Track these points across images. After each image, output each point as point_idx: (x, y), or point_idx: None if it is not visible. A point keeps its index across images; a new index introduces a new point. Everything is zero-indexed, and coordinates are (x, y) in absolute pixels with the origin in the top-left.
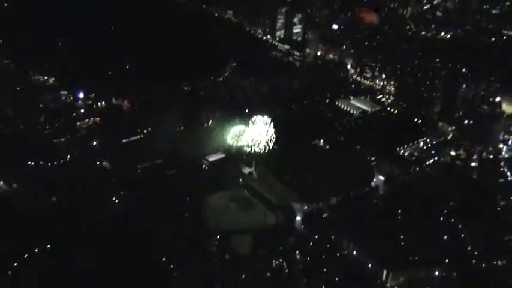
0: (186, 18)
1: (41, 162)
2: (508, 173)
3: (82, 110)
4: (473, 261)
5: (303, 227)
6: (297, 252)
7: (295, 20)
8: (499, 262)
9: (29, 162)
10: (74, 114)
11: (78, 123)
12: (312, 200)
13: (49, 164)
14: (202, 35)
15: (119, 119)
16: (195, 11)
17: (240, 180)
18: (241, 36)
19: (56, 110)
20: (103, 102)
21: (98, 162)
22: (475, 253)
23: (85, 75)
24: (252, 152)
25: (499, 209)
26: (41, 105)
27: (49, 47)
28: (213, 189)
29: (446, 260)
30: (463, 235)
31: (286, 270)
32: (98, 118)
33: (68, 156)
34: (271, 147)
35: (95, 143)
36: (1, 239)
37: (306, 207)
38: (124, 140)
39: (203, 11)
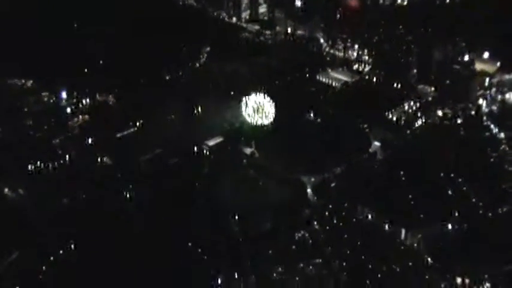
0: (148, 8)
1: (41, 166)
2: (492, 125)
3: (68, 109)
4: (480, 212)
5: (315, 198)
6: (315, 223)
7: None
8: (504, 209)
9: (30, 167)
10: (62, 114)
11: (69, 123)
12: (318, 171)
13: (50, 166)
14: (168, 23)
15: (108, 114)
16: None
17: (244, 160)
18: (208, 20)
19: (42, 112)
20: (88, 100)
21: (99, 159)
22: (480, 204)
23: (63, 75)
24: (249, 131)
25: (492, 160)
26: (25, 109)
27: (19, 48)
28: (218, 172)
29: (456, 214)
30: (464, 188)
31: (310, 241)
32: (87, 116)
33: (67, 157)
34: (265, 126)
35: (90, 141)
36: (23, 246)
37: (313, 179)
38: (119, 135)
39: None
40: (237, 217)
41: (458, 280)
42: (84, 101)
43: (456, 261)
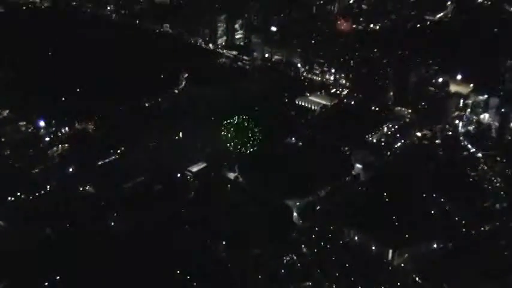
0: (124, 36)
1: (22, 196)
2: (469, 145)
3: (47, 138)
4: (463, 230)
5: (300, 221)
6: (303, 246)
7: (236, 26)
8: (487, 227)
9: (9, 198)
10: (41, 144)
11: (48, 152)
12: (302, 194)
13: (31, 197)
14: (145, 51)
15: (88, 142)
16: (130, 27)
17: (228, 186)
18: (184, 47)
19: (20, 142)
20: (66, 128)
21: (80, 188)
22: (463, 222)
23: (40, 103)
24: (232, 156)
25: (471, 179)
26: (3, 139)
27: None
28: (203, 198)
29: (440, 233)
30: (447, 208)
31: (299, 265)
32: (66, 144)
33: (48, 186)
34: (247, 150)
35: (71, 170)
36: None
37: (298, 203)
38: (100, 162)
39: (138, 27)
40: (224, 242)
41: None
42: (62, 130)
43: (444, 279)
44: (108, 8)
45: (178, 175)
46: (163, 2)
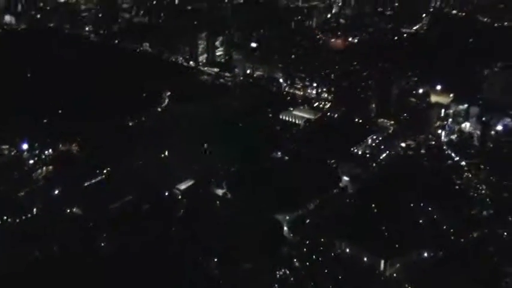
0: (104, 56)
1: (9, 220)
2: (453, 154)
3: (31, 161)
4: (452, 238)
5: (291, 235)
6: (295, 260)
7: (217, 43)
8: (475, 234)
9: None
10: (25, 167)
11: (33, 174)
12: (292, 208)
13: (17, 221)
14: (125, 70)
15: (73, 163)
16: (110, 46)
17: (217, 202)
18: (165, 65)
19: (4, 165)
20: (50, 150)
21: (68, 210)
22: (451, 230)
23: (22, 126)
24: (219, 173)
25: (457, 187)
26: None
27: None
28: (193, 216)
29: (429, 242)
30: (435, 216)
31: (292, 279)
32: (50, 166)
33: (34, 210)
34: (234, 166)
35: (57, 192)
36: None
37: (287, 217)
38: (86, 184)
39: (116, 47)
40: (216, 259)
41: None
42: (46, 152)
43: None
44: (87, 28)
45: (167, 193)
46: (141, 21)
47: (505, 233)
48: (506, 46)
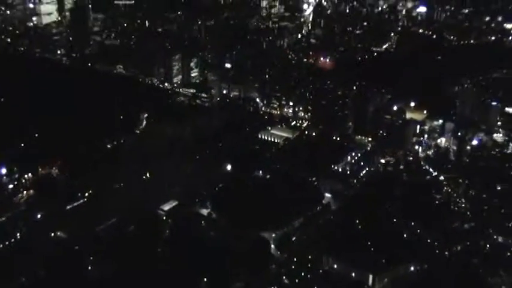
0: (78, 79)
1: None
2: (431, 169)
3: (11, 186)
4: (437, 251)
5: (278, 253)
6: (284, 277)
7: (192, 64)
8: (459, 247)
9: None
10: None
11: (14, 199)
12: (277, 226)
13: (0, 246)
14: (100, 93)
15: (54, 187)
16: (83, 70)
17: (202, 222)
18: (141, 87)
19: None
20: (30, 174)
21: (52, 234)
22: (435, 244)
23: None
24: (203, 193)
25: (437, 202)
26: None
27: None
28: (179, 236)
29: (415, 256)
30: (418, 231)
31: None
32: (31, 190)
33: (18, 234)
34: (216, 186)
35: (39, 216)
36: None
37: (274, 235)
38: (68, 207)
39: (90, 69)
40: (205, 279)
41: None
42: (26, 176)
43: None
44: (58, 52)
45: (151, 214)
46: (113, 43)
47: (488, 245)
48: (472, 63)
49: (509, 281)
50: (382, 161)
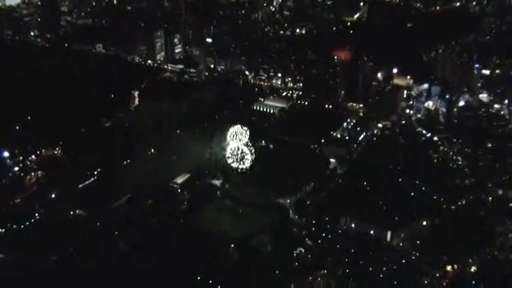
0: (57, 60)
1: (14, 227)
2: (424, 131)
3: (16, 168)
4: (444, 206)
5: (296, 217)
6: (307, 239)
7: (175, 40)
8: (463, 201)
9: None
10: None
11: (25, 181)
12: (291, 192)
13: (22, 227)
14: (85, 72)
15: (62, 167)
16: (60, 50)
17: (218, 192)
18: (125, 65)
19: None
20: (33, 156)
21: (71, 212)
22: (441, 200)
23: None
24: (212, 165)
25: (435, 161)
26: None
27: None
28: (195, 207)
29: (425, 211)
30: (424, 188)
31: (309, 256)
32: (39, 172)
33: (37, 214)
34: (222, 158)
35: (53, 195)
36: None
37: (288, 201)
38: (80, 185)
39: (70, 50)
40: (233, 245)
41: (449, 268)
42: (30, 158)
43: (442, 251)
44: (32, 33)
45: (165, 188)
46: (85, 23)
47: (490, 198)
48: (442, 29)
49: None
50: (380, 125)
